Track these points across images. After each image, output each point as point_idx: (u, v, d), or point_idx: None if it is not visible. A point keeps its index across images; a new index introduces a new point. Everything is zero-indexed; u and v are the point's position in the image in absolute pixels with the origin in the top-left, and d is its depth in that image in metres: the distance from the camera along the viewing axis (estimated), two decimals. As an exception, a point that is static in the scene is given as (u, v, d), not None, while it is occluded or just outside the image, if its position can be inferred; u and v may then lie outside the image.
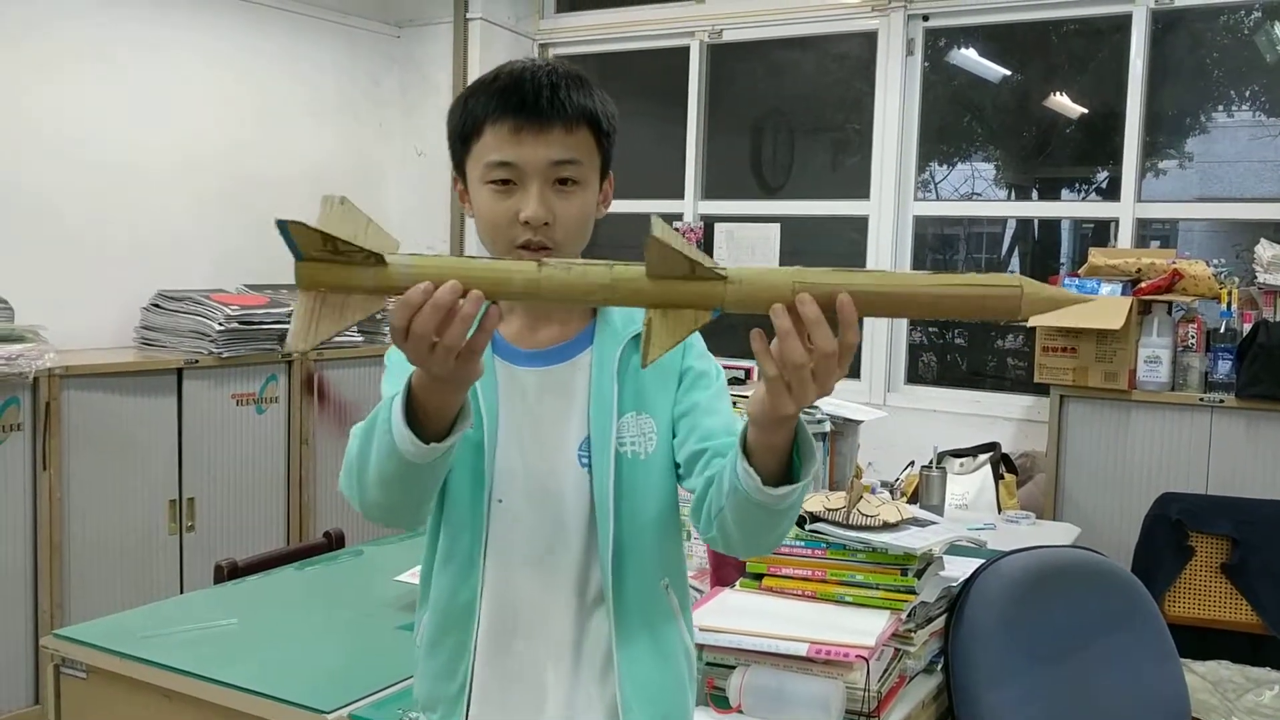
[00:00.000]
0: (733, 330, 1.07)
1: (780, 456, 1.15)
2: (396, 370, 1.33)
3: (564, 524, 1.34)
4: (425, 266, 1.05)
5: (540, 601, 1.34)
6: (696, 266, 1.01)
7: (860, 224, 4.68)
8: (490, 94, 1.30)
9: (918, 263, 4.77)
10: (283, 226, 1.02)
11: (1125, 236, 4.17)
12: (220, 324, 3.88)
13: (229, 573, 2.42)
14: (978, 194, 5.03)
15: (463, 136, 1.33)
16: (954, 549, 2.18)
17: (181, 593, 3.76)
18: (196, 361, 3.85)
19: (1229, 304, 3.64)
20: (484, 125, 1.29)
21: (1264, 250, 3.63)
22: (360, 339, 4.43)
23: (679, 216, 5.01)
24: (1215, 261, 3.85)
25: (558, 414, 1.35)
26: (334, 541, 2.70)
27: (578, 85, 1.32)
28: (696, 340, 1.39)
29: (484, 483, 1.32)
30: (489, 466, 1.32)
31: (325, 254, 1.03)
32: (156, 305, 4.04)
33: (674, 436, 1.37)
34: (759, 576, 1.98)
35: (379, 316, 0.96)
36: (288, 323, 4.08)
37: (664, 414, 1.36)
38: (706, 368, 1.40)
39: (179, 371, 3.81)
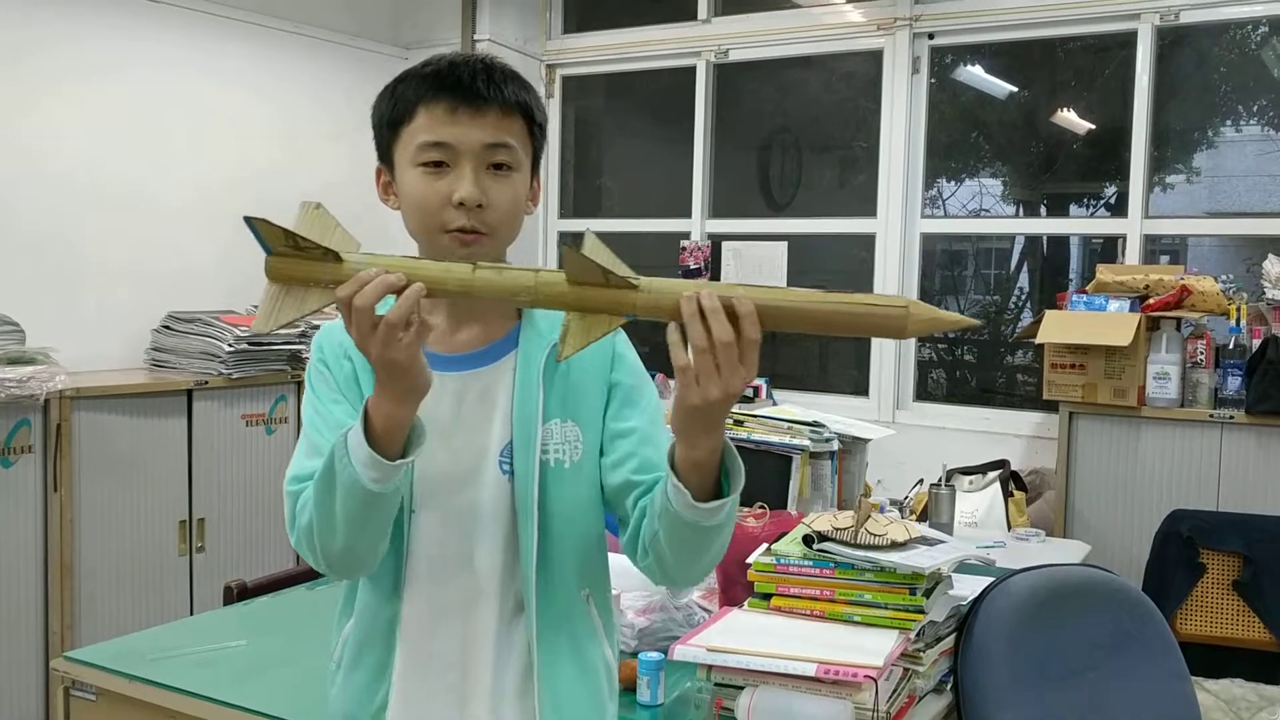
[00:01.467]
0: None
1: (707, 474, 1.18)
2: (315, 382, 1.36)
3: (484, 533, 1.32)
4: (374, 262, 1.14)
5: (461, 614, 1.33)
6: (610, 275, 1.10)
7: (868, 241, 4.68)
8: (424, 78, 1.30)
9: (926, 279, 4.77)
10: (250, 223, 1.14)
11: (1133, 252, 4.16)
12: (230, 345, 3.90)
13: (238, 594, 2.42)
14: (985, 210, 5.03)
15: (392, 122, 1.33)
16: (963, 567, 2.17)
17: (192, 614, 3.76)
18: (206, 382, 3.86)
19: (1238, 320, 3.63)
20: (417, 108, 1.29)
21: (1272, 266, 3.63)
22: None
23: (686, 235, 5.02)
24: (1224, 277, 3.84)
25: (479, 419, 1.33)
26: (343, 562, 2.70)
27: (513, 78, 1.33)
28: (628, 353, 1.40)
29: (402, 495, 1.29)
30: (405, 477, 1.29)
31: (289, 249, 1.15)
32: (167, 327, 4.06)
33: (602, 454, 1.36)
34: (767, 596, 1.97)
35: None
36: (297, 344, 4.10)
37: (591, 424, 1.35)
38: (638, 383, 1.39)
39: (189, 392, 3.83)
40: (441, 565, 1.33)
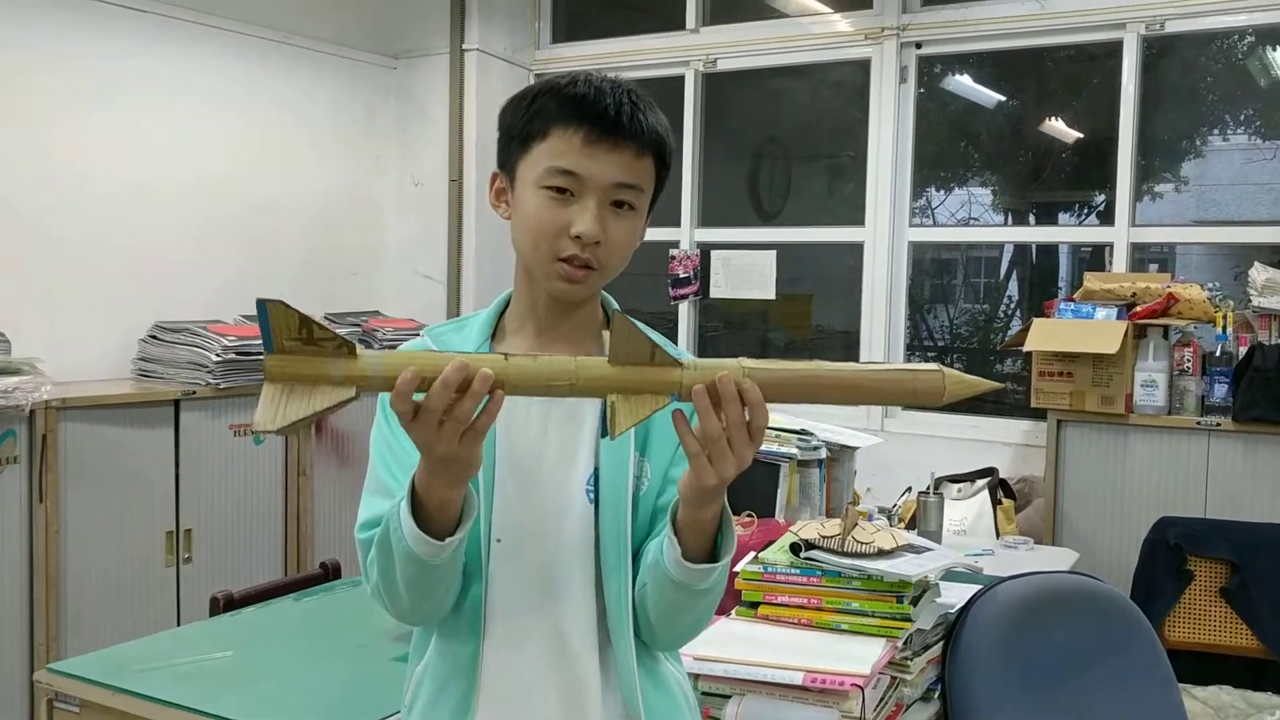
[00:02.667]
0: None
1: (706, 538, 1.19)
2: (392, 423, 1.32)
3: (566, 561, 1.28)
4: (395, 358, 1.07)
5: (547, 649, 1.28)
6: (656, 352, 1.10)
7: (856, 250, 4.69)
8: (565, 98, 1.25)
9: (916, 288, 4.78)
10: (262, 307, 1.04)
11: (1120, 261, 4.18)
12: (218, 355, 3.89)
13: (225, 605, 2.41)
14: (975, 219, 5.05)
15: (524, 135, 1.27)
16: (951, 575, 2.18)
17: (179, 625, 3.74)
18: (194, 392, 3.85)
19: (1224, 327, 3.65)
20: (552, 128, 1.24)
21: (1258, 274, 3.64)
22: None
23: (675, 244, 5.03)
24: (1210, 285, 3.86)
25: (563, 445, 1.30)
26: (330, 572, 2.69)
27: (653, 111, 1.28)
28: None
29: (481, 523, 1.26)
30: (486, 506, 1.26)
31: (297, 341, 1.06)
32: (154, 337, 4.05)
33: (660, 495, 1.32)
34: (755, 605, 1.97)
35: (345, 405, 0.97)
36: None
37: (660, 464, 1.32)
38: None
39: (176, 403, 3.81)
40: (525, 598, 1.28)
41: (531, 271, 1.29)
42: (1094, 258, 4.53)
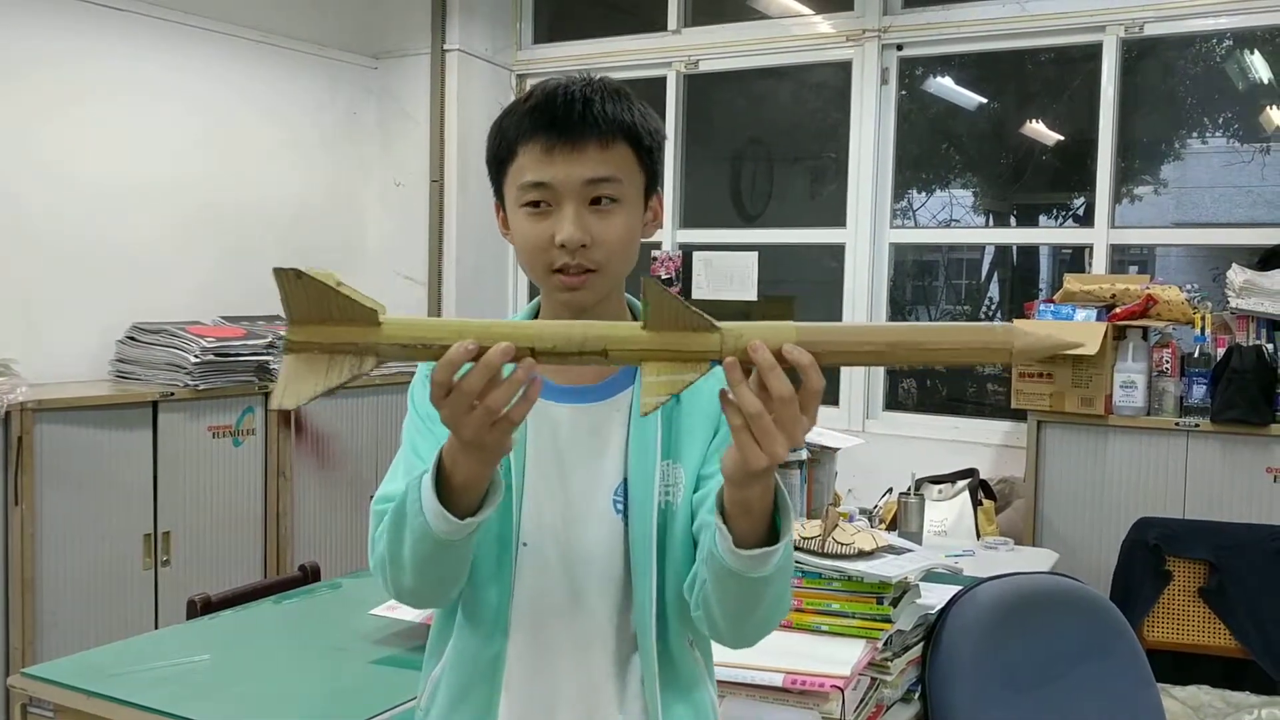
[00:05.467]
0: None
1: (758, 520, 1.10)
2: (423, 414, 1.28)
3: (595, 575, 1.26)
4: (421, 326, 1.04)
5: (572, 656, 1.27)
6: (697, 316, 1.02)
7: (838, 252, 4.70)
8: (523, 114, 1.24)
9: (897, 289, 4.79)
10: (279, 276, 1.01)
11: (1100, 262, 4.20)
12: (196, 356, 3.86)
13: (203, 608, 2.39)
14: (956, 221, 5.07)
15: (498, 160, 1.28)
16: (931, 576, 2.18)
17: (156, 628, 3.71)
18: (172, 394, 3.82)
19: (1203, 329, 3.67)
20: (517, 146, 1.24)
21: (1236, 275, 3.66)
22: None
23: (658, 245, 5.03)
24: (1189, 286, 3.88)
25: (591, 456, 1.28)
26: (310, 575, 2.68)
27: (614, 99, 1.25)
28: None
29: (511, 526, 1.25)
30: (516, 509, 1.25)
31: (317, 311, 1.03)
32: (132, 338, 4.02)
33: (695, 490, 1.27)
34: (735, 606, 1.97)
35: (364, 376, 0.94)
36: (264, 354, 4.07)
37: (693, 463, 1.28)
38: None
39: (154, 404, 3.78)
40: (550, 604, 1.27)
41: (540, 288, 1.31)
42: (1074, 259, 4.55)
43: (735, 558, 1.10)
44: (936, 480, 3.62)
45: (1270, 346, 3.57)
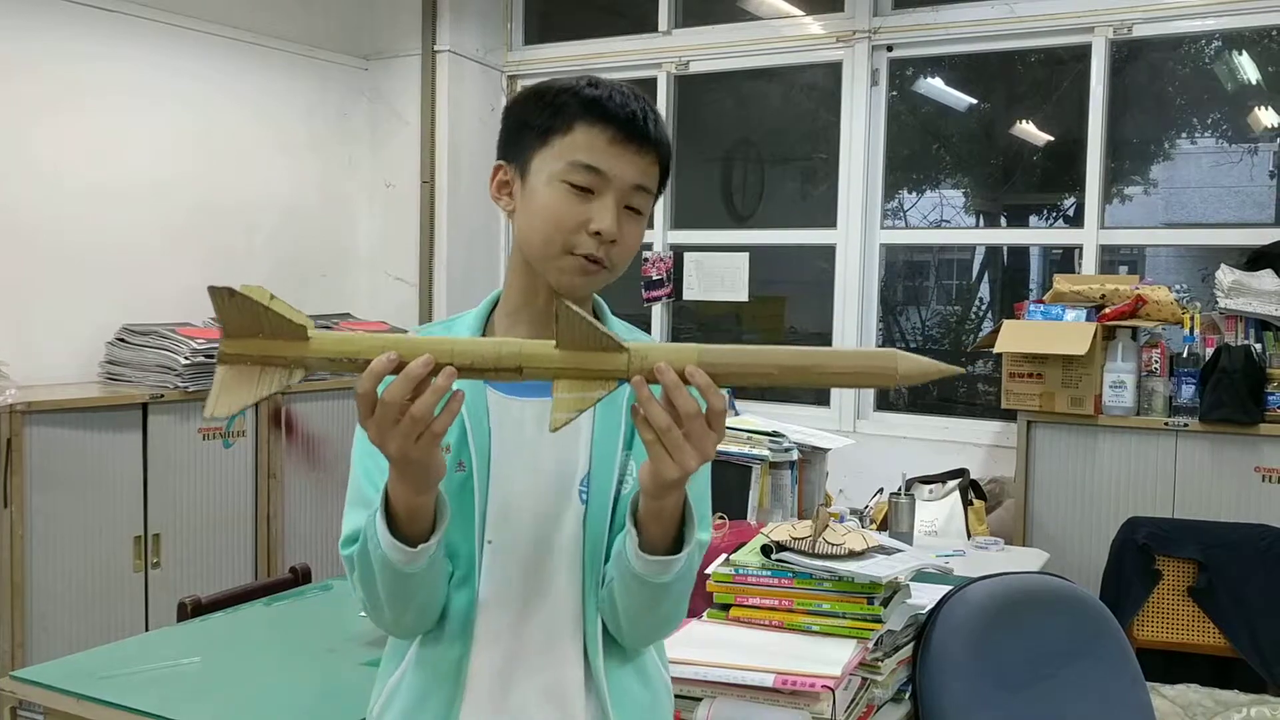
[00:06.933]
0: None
1: (668, 529, 1.17)
2: (364, 450, 1.29)
3: (556, 562, 1.28)
4: (348, 341, 1.09)
5: (534, 648, 1.28)
6: (604, 338, 1.08)
7: (829, 253, 4.70)
8: (587, 98, 1.25)
9: (888, 290, 4.80)
10: (214, 295, 1.06)
11: (1090, 263, 4.21)
12: (186, 358, 3.85)
13: (193, 610, 2.39)
14: (947, 221, 5.08)
15: (543, 129, 1.26)
16: (922, 576, 2.18)
17: (147, 631, 3.70)
18: (162, 396, 3.81)
19: (1192, 329, 3.68)
20: (577, 124, 1.24)
21: (1224, 275, 3.68)
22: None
23: (649, 246, 5.03)
24: (1178, 286, 3.89)
25: (560, 447, 1.28)
26: (300, 577, 2.67)
27: (664, 124, 1.31)
28: None
29: (474, 525, 1.25)
30: (480, 506, 1.25)
31: (250, 328, 1.07)
32: (121, 340, 4.01)
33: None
34: (726, 607, 1.97)
35: (290, 387, 0.97)
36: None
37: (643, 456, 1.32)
38: None
39: (144, 406, 3.77)
40: (513, 598, 1.27)
41: (537, 265, 1.28)
42: (1064, 260, 4.56)
43: (641, 561, 1.17)
44: (927, 480, 3.63)
45: (1259, 346, 3.58)
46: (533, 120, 1.28)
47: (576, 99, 1.26)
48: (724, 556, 2.01)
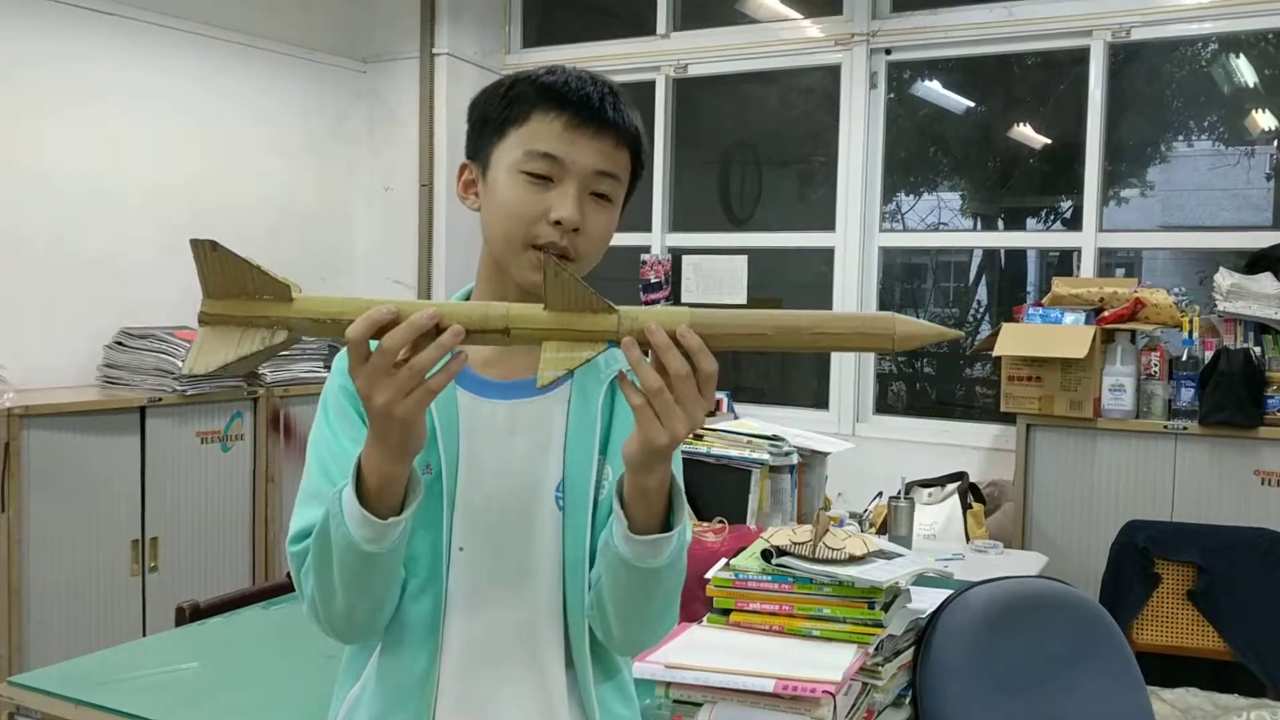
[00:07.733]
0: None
1: (654, 509, 1.11)
2: (334, 415, 1.27)
3: (533, 569, 1.23)
4: (333, 302, 1.05)
5: (511, 662, 1.23)
6: (593, 299, 1.04)
7: (827, 255, 4.70)
8: (543, 86, 1.22)
9: (886, 292, 4.80)
10: (196, 248, 1.04)
11: (1088, 266, 4.21)
12: (184, 361, 3.84)
13: (191, 614, 2.38)
14: (944, 224, 5.08)
15: (500, 121, 1.23)
16: (922, 580, 2.18)
17: (144, 635, 3.69)
18: (160, 399, 3.81)
19: (1190, 332, 3.68)
20: (532, 113, 1.21)
21: (1223, 279, 3.68)
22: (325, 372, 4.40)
23: (647, 249, 5.02)
24: (1176, 289, 3.89)
25: (532, 451, 1.24)
26: (298, 581, 2.66)
27: (631, 107, 1.26)
28: None
29: (442, 531, 1.20)
30: (448, 511, 1.20)
31: (233, 285, 1.05)
32: (119, 343, 4.00)
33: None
34: (726, 612, 1.97)
35: (279, 353, 0.96)
36: (253, 359, 4.05)
37: (620, 463, 1.26)
38: None
39: (142, 410, 3.77)
40: (488, 609, 1.22)
41: (502, 262, 1.24)
42: (1062, 263, 4.56)
43: (629, 543, 1.11)
44: (926, 484, 3.63)
45: (1258, 349, 3.58)
46: (491, 114, 1.25)
47: (532, 87, 1.23)
48: (724, 561, 2.01)
